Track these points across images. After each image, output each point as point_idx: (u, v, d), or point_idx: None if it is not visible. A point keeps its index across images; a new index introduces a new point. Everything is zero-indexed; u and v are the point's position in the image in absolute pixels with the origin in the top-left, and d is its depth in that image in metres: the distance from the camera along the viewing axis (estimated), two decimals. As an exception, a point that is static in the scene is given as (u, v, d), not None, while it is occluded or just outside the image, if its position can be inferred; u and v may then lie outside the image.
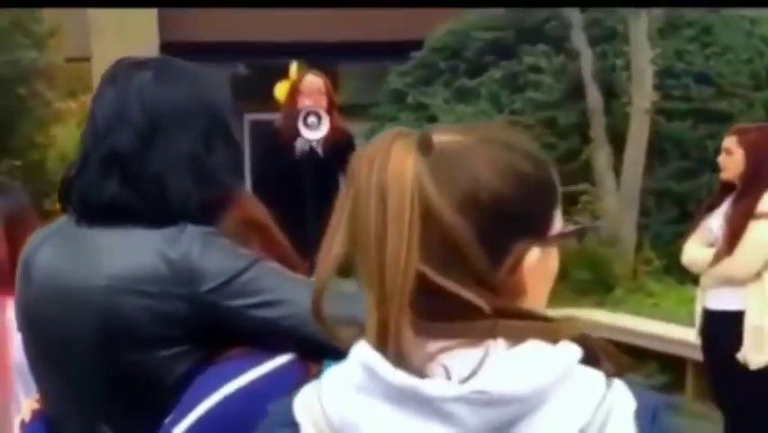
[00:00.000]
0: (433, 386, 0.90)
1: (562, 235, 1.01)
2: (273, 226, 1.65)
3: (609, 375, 0.95)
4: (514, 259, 0.95)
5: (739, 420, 4.10)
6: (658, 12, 8.88)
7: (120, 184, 1.52)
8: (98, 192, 1.53)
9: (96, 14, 10.49)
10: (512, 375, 0.90)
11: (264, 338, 1.48)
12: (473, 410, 0.89)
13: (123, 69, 1.58)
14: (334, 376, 0.97)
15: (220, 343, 1.48)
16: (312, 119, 4.81)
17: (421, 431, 0.90)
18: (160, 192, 1.51)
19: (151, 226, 1.50)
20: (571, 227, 1.03)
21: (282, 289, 1.49)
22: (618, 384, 0.95)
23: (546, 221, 0.98)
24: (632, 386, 0.96)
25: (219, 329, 1.48)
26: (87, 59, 10.02)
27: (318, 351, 1.34)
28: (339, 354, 0.99)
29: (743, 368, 3.90)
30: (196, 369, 1.47)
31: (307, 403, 0.97)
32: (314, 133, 4.81)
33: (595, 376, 0.94)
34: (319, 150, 4.92)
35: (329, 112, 4.92)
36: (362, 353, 0.93)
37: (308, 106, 4.84)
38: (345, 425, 0.93)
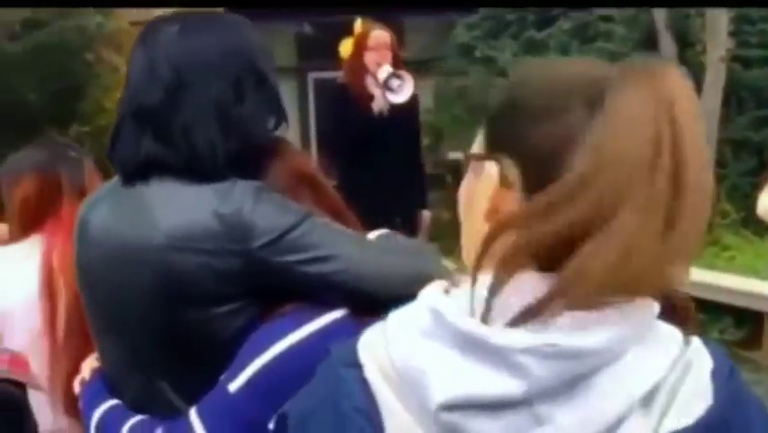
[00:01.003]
0: (501, 335, 0.88)
1: None
2: (324, 180, 1.64)
3: (686, 332, 0.93)
4: None
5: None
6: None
7: (153, 140, 1.52)
8: (134, 150, 1.54)
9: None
10: (584, 328, 0.87)
11: (317, 294, 1.47)
12: (542, 363, 0.86)
13: (152, 27, 1.59)
14: (400, 319, 0.95)
15: (274, 299, 1.48)
16: (395, 82, 4.73)
17: (488, 380, 0.88)
18: (189, 145, 1.51)
19: (201, 182, 1.50)
20: None
21: (334, 244, 1.49)
22: (696, 342, 0.93)
23: None
24: (708, 345, 0.93)
25: (272, 285, 1.48)
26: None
27: (371, 305, 1.32)
28: (391, 308, 0.98)
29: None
30: (250, 325, 1.48)
31: (372, 345, 0.96)
32: (399, 96, 4.74)
33: (672, 333, 0.92)
34: (385, 111, 4.86)
35: (395, 68, 4.85)
36: (432, 297, 0.93)
37: (390, 70, 4.74)
38: (410, 368, 0.91)
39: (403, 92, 4.74)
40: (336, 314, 1.46)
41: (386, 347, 0.94)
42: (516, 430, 0.88)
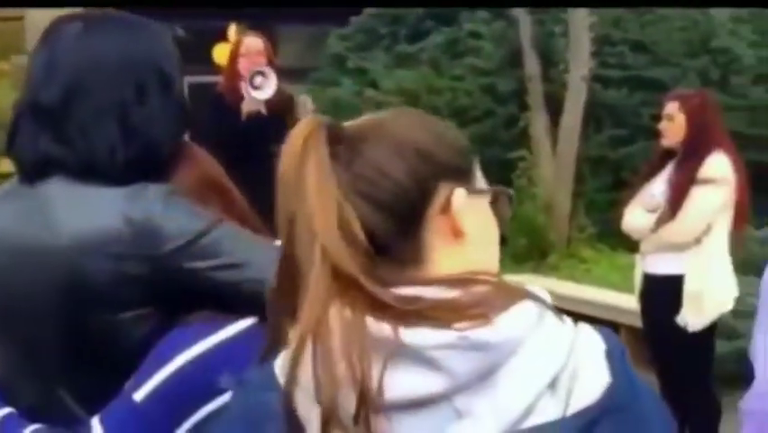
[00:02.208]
0: (418, 334, 0.89)
1: (486, 192, 1.04)
2: (232, 186, 1.62)
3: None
4: (443, 197, 0.98)
5: (674, 382, 4.20)
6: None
7: (51, 139, 1.49)
8: (32, 148, 1.50)
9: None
10: (494, 319, 0.90)
11: (227, 302, 1.45)
12: (461, 356, 0.89)
13: (57, 24, 1.55)
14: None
15: (182, 306, 1.45)
16: (259, 79, 4.77)
17: (413, 381, 0.89)
18: (88, 146, 1.48)
19: (108, 184, 1.46)
20: (493, 187, 1.06)
21: (245, 251, 1.47)
22: (585, 327, 0.97)
23: (467, 171, 1.02)
24: (599, 329, 0.98)
25: (181, 292, 1.45)
26: (20, 19, 9.69)
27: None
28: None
29: (681, 331, 3.99)
30: (157, 333, 1.44)
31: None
32: (262, 93, 4.78)
33: (564, 319, 0.96)
34: (264, 111, 4.88)
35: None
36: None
37: (254, 67, 4.80)
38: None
39: (266, 88, 4.77)
40: (246, 322, 1.44)
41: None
42: (438, 426, 0.90)
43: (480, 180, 1.04)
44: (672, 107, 4.13)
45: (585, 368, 0.93)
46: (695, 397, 4.14)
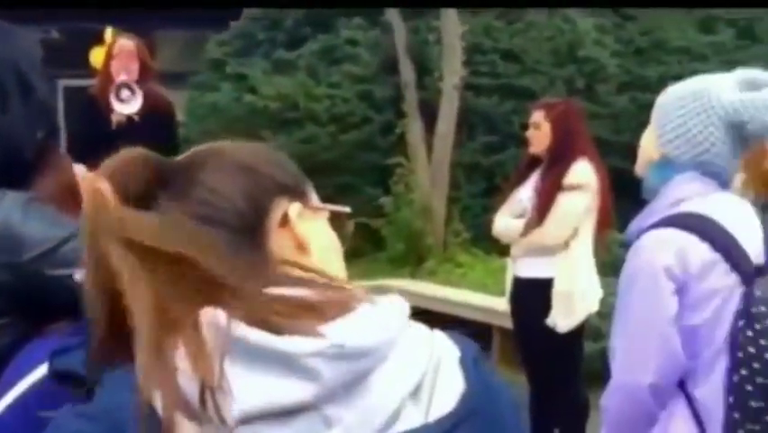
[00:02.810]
0: (290, 342, 0.90)
1: (323, 208, 1.07)
2: None
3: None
4: (279, 212, 1.01)
5: (544, 383, 4.34)
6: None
7: None
8: None
9: None
10: (362, 326, 0.92)
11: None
12: (331, 364, 0.90)
13: None
14: None
15: (45, 315, 1.42)
16: (125, 93, 4.71)
17: (280, 388, 0.89)
18: None
19: None
20: (329, 205, 1.09)
21: None
22: (440, 334, 1.00)
23: (301, 191, 1.05)
24: (452, 335, 1.01)
25: (43, 300, 1.42)
26: None
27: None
28: None
29: (550, 333, 4.12)
30: (19, 343, 1.40)
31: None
32: (126, 107, 4.72)
33: (420, 327, 0.99)
34: (137, 118, 4.80)
35: (143, 77, 4.81)
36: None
37: (121, 80, 4.73)
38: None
39: (131, 104, 4.72)
40: None
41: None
42: None
43: (315, 200, 1.08)
44: (538, 116, 4.27)
45: (443, 375, 0.95)
46: (564, 396, 4.29)
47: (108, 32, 4.93)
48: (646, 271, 1.98)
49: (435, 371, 0.95)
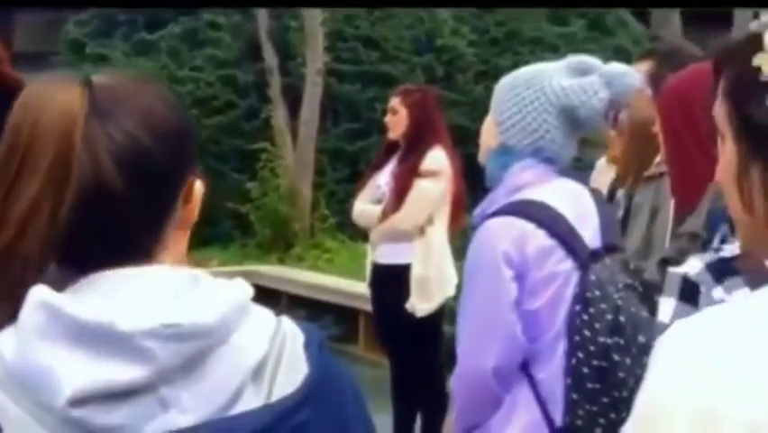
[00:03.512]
0: (125, 321, 0.89)
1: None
2: None
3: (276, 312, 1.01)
4: (188, 187, 1.00)
5: (405, 366, 4.41)
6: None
7: None
8: None
9: None
10: (199, 307, 0.92)
11: None
12: (165, 345, 0.89)
13: None
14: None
15: None
16: None
17: (113, 369, 0.88)
18: None
19: None
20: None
21: None
22: (285, 319, 1.00)
23: (196, 158, 1.04)
24: (295, 321, 1.02)
25: None
26: None
27: None
28: None
29: (409, 317, 4.19)
30: None
31: None
32: None
33: (265, 312, 0.99)
34: None
35: None
36: (42, 294, 0.90)
37: None
38: (29, 370, 0.89)
39: None
40: None
41: None
42: (142, 417, 0.90)
43: None
44: (395, 101, 4.34)
45: (286, 358, 0.96)
46: (425, 378, 4.38)
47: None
48: (486, 258, 2.03)
49: (279, 354, 0.96)
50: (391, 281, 4.24)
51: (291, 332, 0.99)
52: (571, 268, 2.03)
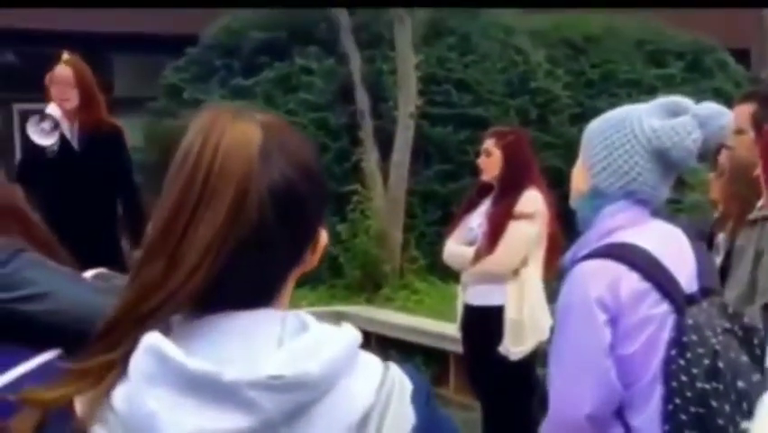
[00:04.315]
0: (230, 372, 0.89)
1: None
2: (33, 215, 1.59)
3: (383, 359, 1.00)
4: (318, 235, 1.01)
5: (497, 410, 4.36)
6: (422, 18, 9.26)
7: None
8: None
9: None
10: (305, 357, 0.92)
11: (29, 333, 1.42)
12: (271, 396, 0.89)
13: None
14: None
15: None
16: (46, 124, 4.70)
17: (219, 419, 0.89)
18: None
19: None
20: None
21: (48, 281, 1.45)
22: (394, 367, 0.99)
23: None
24: (405, 369, 1.00)
25: None
26: None
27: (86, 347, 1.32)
28: None
29: (502, 360, 4.15)
30: None
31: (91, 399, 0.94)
32: (44, 139, 4.69)
33: (373, 359, 0.99)
34: (75, 144, 4.81)
35: (85, 103, 4.78)
36: (153, 340, 0.91)
37: (47, 110, 4.74)
38: (138, 416, 0.90)
39: (49, 137, 4.71)
40: (49, 355, 1.41)
41: (108, 398, 0.92)
42: None
43: None
44: (489, 143, 4.32)
45: (393, 408, 0.95)
46: (518, 423, 4.31)
47: (65, 57, 4.91)
48: (579, 302, 2.00)
49: (386, 404, 0.95)
50: (484, 323, 4.21)
51: (399, 381, 0.97)
52: (667, 312, 1.99)
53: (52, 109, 4.77)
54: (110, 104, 5.20)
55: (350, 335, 0.96)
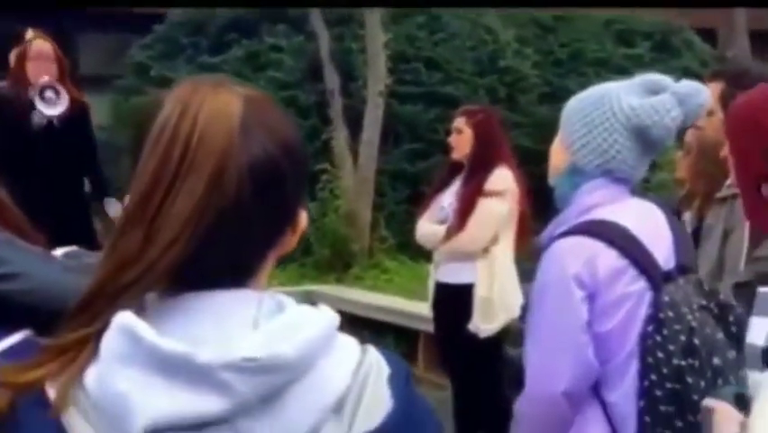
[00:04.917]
0: (203, 353, 0.87)
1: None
2: (5, 196, 1.57)
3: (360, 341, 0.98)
4: (297, 215, 0.99)
5: (467, 387, 4.38)
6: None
7: None
8: None
9: None
10: (281, 339, 0.90)
11: (1, 313, 1.40)
12: (243, 378, 0.88)
13: None
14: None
15: None
16: (49, 93, 4.64)
17: (191, 400, 0.87)
18: None
19: None
20: None
21: (20, 261, 1.44)
22: (372, 350, 0.97)
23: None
24: (383, 352, 0.98)
25: None
26: None
27: (55, 326, 1.30)
28: None
29: (472, 338, 4.17)
30: None
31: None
32: (52, 109, 4.66)
33: (350, 342, 0.97)
34: (55, 121, 4.75)
35: (60, 80, 4.75)
36: (125, 320, 0.89)
37: (45, 81, 4.66)
38: (108, 395, 0.88)
39: (57, 106, 4.67)
40: (17, 337, 1.42)
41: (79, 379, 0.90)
42: None
43: None
44: (460, 121, 4.33)
45: (369, 392, 0.93)
46: (488, 400, 4.34)
47: (29, 34, 4.84)
48: (556, 279, 2.00)
49: (362, 387, 0.93)
50: (454, 301, 4.23)
51: (377, 364, 0.96)
52: (644, 288, 2.00)
53: (47, 78, 4.68)
54: (76, 82, 5.15)
55: (327, 316, 0.94)
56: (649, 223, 2.09)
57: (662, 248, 2.06)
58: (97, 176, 5.03)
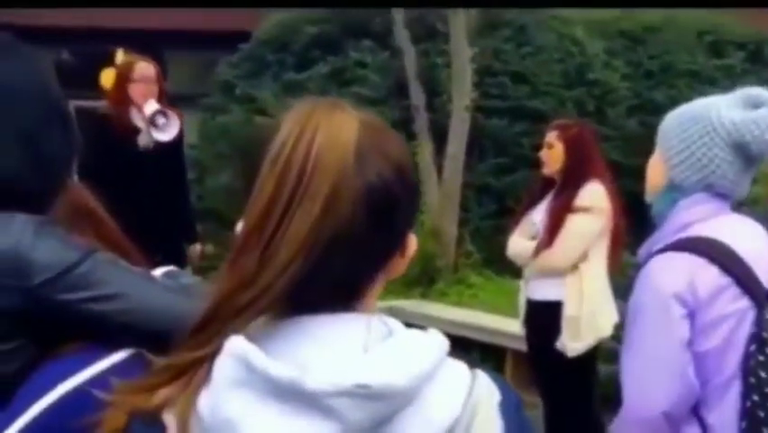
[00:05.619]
0: (313, 379, 0.88)
1: None
2: (105, 215, 1.61)
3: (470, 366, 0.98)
4: (407, 239, 0.99)
5: (557, 406, 4.31)
6: (477, 10, 9.19)
7: None
8: None
9: None
10: (391, 365, 0.89)
11: (102, 333, 1.43)
12: (354, 405, 0.87)
13: None
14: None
15: (56, 338, 1.43)
16: (161, 120, 4.73)
17: (301, 426, 0.88)
18: None
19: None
20: None
21: (120, 281, 1.45)
22: (482, 375, 0.96)
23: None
24: (493, 378, 0.98)
25: (54, 324, 1.42)
26: None
27: (158, 346, 1.33)
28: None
29: (559, 356, 4.10)
30: (31, 366, 1.41)
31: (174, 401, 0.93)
32: (165, 135, 4.74)
33: (461, 367, 0.96)
34: (157, 147, 4.84)
35: (160, 101, 4.84)
36: (238, 345, 0.90)
37: (156, 108, 4.74)
38: (219, 422, 0.89)
39: (168, 131, 4.74)
40: (122, 354, 1.42)
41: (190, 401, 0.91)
42: None
43: None
44: (552, 136, 4.25)
45: (480, 419, 0.92)
46: (578, 419, 4.26)
47: (120, 55, 4.96)
48: (655, 297, 1.96)
49: (472, 414, 0.92)
50: (543, 318, 4.17)
51: (487, 390, 0.95)
52: (747, 307, 1.93)
53: (157, 106, 4.78)
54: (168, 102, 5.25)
55: (437, 341, 0.94)
56: (750, 239, 2.03)
57: (763, 266, 1.99)
58: (188, 195, 5.11)
